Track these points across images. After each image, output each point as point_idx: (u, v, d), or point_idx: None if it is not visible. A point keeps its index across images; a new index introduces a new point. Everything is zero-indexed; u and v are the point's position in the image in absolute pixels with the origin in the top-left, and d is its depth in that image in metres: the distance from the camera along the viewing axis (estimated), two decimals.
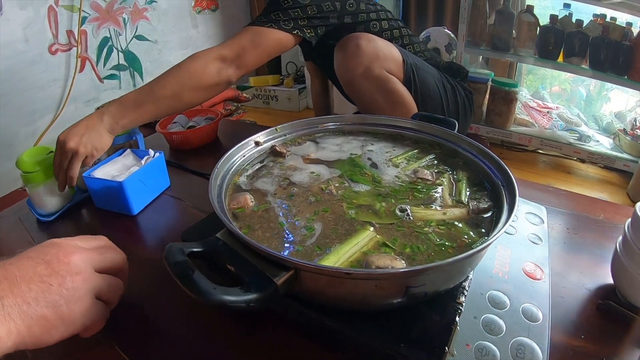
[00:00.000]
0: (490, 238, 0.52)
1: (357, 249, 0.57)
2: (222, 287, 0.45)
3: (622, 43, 2.28)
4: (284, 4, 1.17)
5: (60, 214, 0.94)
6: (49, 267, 0.47)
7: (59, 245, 0.51)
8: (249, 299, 0.46)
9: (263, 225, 0.63)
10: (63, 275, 0.47)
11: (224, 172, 0.73)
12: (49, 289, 0.45)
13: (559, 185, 2.26)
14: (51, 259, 0.48)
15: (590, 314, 0.64)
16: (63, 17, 2.38)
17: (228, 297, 0.45)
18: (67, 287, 0.47)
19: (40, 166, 0.88)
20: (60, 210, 0.94)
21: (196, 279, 0.46)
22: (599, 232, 0.84)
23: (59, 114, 2.47)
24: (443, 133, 0.86)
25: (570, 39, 2.40)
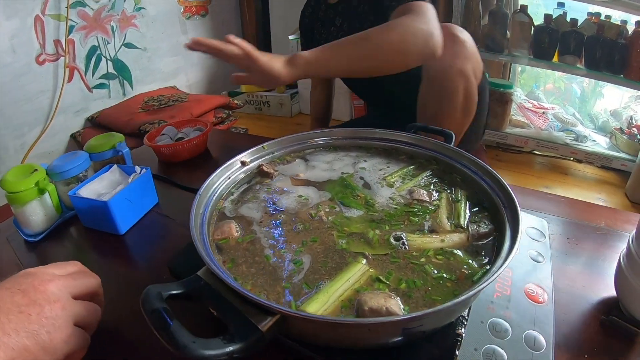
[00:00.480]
0: (489, 278, 0.48)
1: (349, 286, 0.53)
2: (202, 340, 0.41)
3: (617, 41, 2.26)
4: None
5: (48, 233, 0.91)
6: (25, 296, 0.46)
7: (33, 275, 0.50)
8: (232, 350, 0.42)
9: (248, 259, 0.59)
10: (41, 304, 0.46)
11: (207, 196, 0.69)
12: (29, 319, 0.45)
13: (556, 187, 2.25)
14: (27, 288, 0.47)
15: (594, 331, 0.61)
16: (50, 26, 2.34)
17: (209, 351, 0.41)
18: (47, 315, 0.46)
19: (24, 186, 0.85)
20: (47, 230, 0.90)
21: (174, 332, 0.42)
22: (600, 241, 0.81)
23: (47, 125, 2.43)
24: (440, 147, 0.82)
25: (565, 39, 2.38)
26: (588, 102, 2.91)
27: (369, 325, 0.44)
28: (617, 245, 0.80)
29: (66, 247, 0.89)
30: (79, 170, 0.94)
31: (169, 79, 3.18)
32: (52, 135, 2.48)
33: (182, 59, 3.25)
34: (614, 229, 0.85)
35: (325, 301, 0.51)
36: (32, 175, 0.86)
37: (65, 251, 0.88)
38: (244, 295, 0.46)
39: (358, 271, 0.55)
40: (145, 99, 2.74)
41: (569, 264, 0.74)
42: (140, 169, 0.96)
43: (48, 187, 0.89)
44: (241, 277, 0.56)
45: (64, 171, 0.92)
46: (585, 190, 2.25)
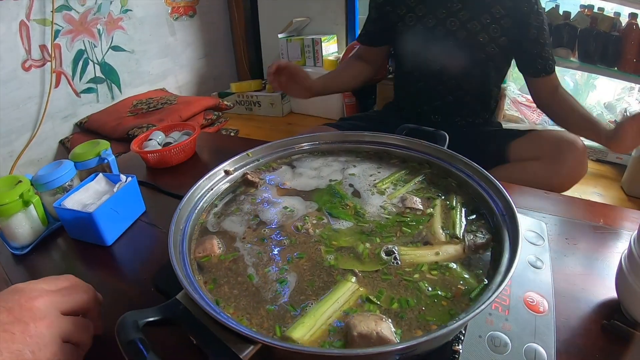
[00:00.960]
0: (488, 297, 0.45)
1: (337, 307, 0.49)
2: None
3: (611, 34, 2.25)
4: None
5: (35, 245, 0.88)
6: (10, 314, 0.45)
7: (21, 291, 0.48)
8: None
9: (230, 279, 0.55)
10: (26, 322, 0.45)
11: (189, 210, 0.66)
12: (12, 338, 0.43)
13: None
14: (13, 306, 0.46)
15: (595, 336, 0.60)
16: (35, 31, 2.30)
17: None
18: (31, 334, 0.45)
19: (9, 198, 0.82)
20: (34, 242, 0.88)
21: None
22: (600, 241, 0.81)
23: (36, 132, 2.39)
24: (433, 150, 0.79)
25: (558, 31, 2.37)
26: (581, 95, 2.91)
27: (357, 357, 0.41)
28: (615, 244, 0.79)
29: (54, 259, 0.87)
30: (64, 180, 0.91)
31: (158, 81, 3.14)
32: (41, 142, 2.44)
33: (171, 60, 3.22)
34: (612, 227, 0.84)
35: (312, 325, 0.47)
36: (17, 187, 0.84)
37: (53, 264, 0.86)
38: (224, 324, 0.42)
39: (347, 291, 0.52)
40: (134, 102, 2.71)
41: (568, 266, 0.73)
42: (125, 177, 0.94)
43: (33, 198, 0.86)
44: (223, 300, 0.52)
45: (49, 181, 0.89)
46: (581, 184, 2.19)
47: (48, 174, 0.89)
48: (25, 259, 0.85)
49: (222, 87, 3.65)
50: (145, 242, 0.89)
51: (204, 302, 0.45)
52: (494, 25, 1.23)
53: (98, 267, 0.82)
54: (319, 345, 0.46)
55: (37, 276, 0.78)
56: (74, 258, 0.86)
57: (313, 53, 3.20)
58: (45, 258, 0.86)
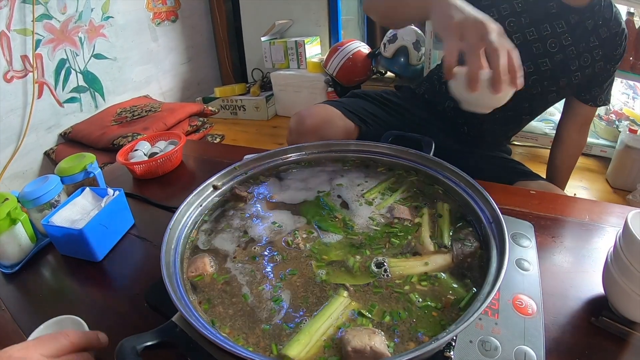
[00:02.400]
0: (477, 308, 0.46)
1: (331, 323, 0.50)
2: None
3: None
4: None
5: (24, 263, 0.88)
6: None
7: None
8: None
9: (225, 300, 0.56)
10: None
11: (180, 228, 0.66)
12: None
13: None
14: None
15: (584, 333, 0.62)
16: (16, 42, 2.28)
17: None
18: None
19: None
20: (23, 260, 0.88)
21: None
22: (586, 237, 0.82)
23: (20, 145, 2.36)
24: (419, 157, 0.80)
25: None
26: None
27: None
28: (601, 240, 0.81)
29: (44, 277, 0.86)
30: (51, 195, 0.91)
31: (142, 88, 3.13)
32: (25, 154, 2.42)
33: (154, 67, 3.20)
34: (598, 222, 0.85)
35: (307, 342, 0.48)
36: (3, 205, 0.83)
37: (43, 282, 0.85)
38: (221, 347, 0.43)
39: (340, 306, 0.53)
40: (118, 110, 2.70)
41: (555, 264, 0.74)
42: (113, 191, 0.93)
43: (20, 216, 0.85)
44: (219, 320, 0.53)
45: (36, 198, 0.88)
46: None
47: (35, 190, 0.89)
48: (15, 278, 0.85)
49: (206, 92, 3.64)
50: (136, 256, 0.89)
51: (199, 324, 0.46)
52: (586, 54, 1.15)
53: (89, 283, 0.82)
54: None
55: (30, 295, 0.80)
56: (65, 275, 0.86)
57: (297, 55, 3.21)
58: (36, 276, 0.86)
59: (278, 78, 3.28)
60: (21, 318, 0.72)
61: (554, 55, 1.14)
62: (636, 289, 0.57)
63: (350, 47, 2.92)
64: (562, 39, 1.12)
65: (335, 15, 3.24)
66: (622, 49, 1.17)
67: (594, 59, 1.15)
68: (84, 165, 1.00)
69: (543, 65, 1.16)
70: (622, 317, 0.60)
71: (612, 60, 1.18)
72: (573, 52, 1.14)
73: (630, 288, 0.57)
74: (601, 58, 1.16)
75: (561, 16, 1.10)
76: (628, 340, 0.59)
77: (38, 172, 2.51)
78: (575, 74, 1.16)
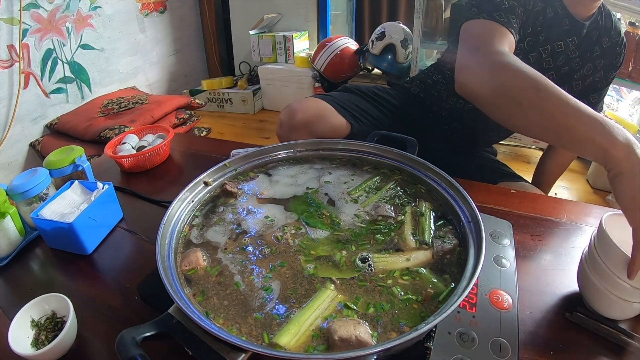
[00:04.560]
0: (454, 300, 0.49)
1: (318, 314, 0.53)
2: None
3: None
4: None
5: (13, 257, 0.88)
6: None
7: None
8: None
9: (219, 291, 0.59)
10: None
11: (172, 224, 0.68)
12: None
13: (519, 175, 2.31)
14: None
15: (558, 327, 0.64)
16: (3, 31, 2.25)
17: None
18: None
19: None
20: (12, 254, 0.88)
21: None
22: (563, 236, 0.85)
23: (5, 136, 2.34)
24: (403, 157, 0.83)
25: None
26: None
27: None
28: (578, 239, 0.84)
29: (33, 270, 0.87)
30: (40, 189, 0.91)
31: (128, 79, 3.11)
32: (10, 145, 2.39)
33: (141, 58, 3.18)
34: (575, 222, 0.89)
35: (297, 332, 0.51)
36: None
37: (32, 275, 0.85)
38: (216, 335, 0.46)
39: (327, 298, 0.56)
40: (104, 101, 2.68)
41: (533, 262, 0.77)
42: (102, 184, 0.94)
43: (9, 210, 0.85)
44: (212, 311, 0.56)
45: (25, 191, 0.89)
46: None
47: (23, 184, 0.89)
48: (4, 272, 0.85)
49: (193, 85, 3.62)
50: (125, 249, 0.90)
51: (195, 315, 0.48)
52: (589, 63, 1.16)
53: (79, 276, 0.83)
54: (304, 349, 0.50)
55: (19, 289, 0.80)
56: (55, 268, 0.86)
57: (285, 50, 3.22)
58: (26, 270, 0.86)
59: (265, 72, 3.29)
60: (10, 311, 0.72)
61: (561, 68, 1.15)
62: (609, 287, 0.60)
63: (338, 43, 2.94)
64: (569, 52, 1.13)
65: (324, 11, 3.26)
66: (621, 58, 1.19)
67: (596, 68, 1.17)
68: (73, 158, 1.01)
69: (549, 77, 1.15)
70: (596, 313, 0.64)
71: (612, 69, 1.19)
72: (578, 63, 1.15)
73: (604, 286, 0.61)
74: (602, 67, 1.17)
75: (573, 32, 1.10)
76: (600, 335, 0.62)
77: (23, 164, 2.49)
78: (576, 82, 1.18)
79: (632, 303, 0.60)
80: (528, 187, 1.19)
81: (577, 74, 1.16)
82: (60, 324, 0.66)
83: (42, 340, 0.63)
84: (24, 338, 0.64)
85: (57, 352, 0.62)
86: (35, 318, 0.66)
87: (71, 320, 0.63)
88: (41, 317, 0.67)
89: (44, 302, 0.68)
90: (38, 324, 0.66)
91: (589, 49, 1.14)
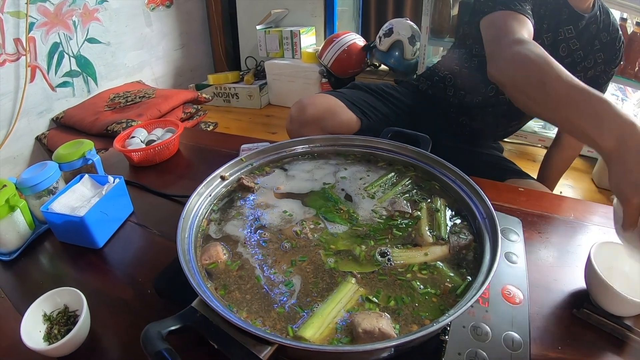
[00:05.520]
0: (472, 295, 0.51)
1: (341, 307, 0.55)
2: None
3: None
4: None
5: (22, 250, 0.88)
6: None
7: None
8: None
9: (241, 285, 0.60)
10: None
11: (191, 218, 0.69)
12: None
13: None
14: None
15: (566, 323, 0.66)
16: (9, 24, 2.25)
17: None
18: None
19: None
20: (22, 247, 0.88)
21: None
22: (570, 234, 0.87)
23: (11, 129, 2.35)
24: (417, 154, 0.84)
25: None
26: None
27: (366, 352, 0.46)
28: (585, 237, 0.85)
29: (43, 264, 0.87)
30: (50, 182, 0.92)
31: (134, 73, 3.11)
32: (16, 139, 2.40)
33: (147, 52, 3.19)
34: (582, 221, 0.90)
35: (321, 325, 0.52)
36: (1, 192, 0.83)
37: (42, 269, 0.86)
38: (243, 328, 0.47)
39: (349, 292, 0.57)
40: (111, 95, 2.69)
41: (541, 259, 0.79)
42: (113, 178, 0.94)
43: (19, 203, 0.86)
44: (235, 305, 0.57)
45: (34, 185, 0.89)
46: None
47: (33, 177, 0.89)
48: (14, 265, 0.85)
49: (199, 79, 3.63)
50: (136, 243, 0.90)
51: (220, 308, 0.49)
52: (590, 56, 1.19)
53: (90, 270, 0.83)
54: (328, 342, 0.51)
55: (29, 282, 0.80)
56: (65, 262, 0.87)
57: (292, 45, 3.22)
58: (34, 263, 0.86)
59: (272, 67, 3.29)
60: (20, 305, 0.73)
61: (564, 59, 1.17)
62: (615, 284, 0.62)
63: (345, 39, 2.94)
64: (570, 43, 1.16)
65: (331, 7, 3.26)
66: (620, 54, 1.23)
67: (596, 61, 1.20)
68: (83, 152, 1.01)
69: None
70: (602, 310, 0.65)
71: (611, 64, 1.23)
72: (580, 55, 1.18)
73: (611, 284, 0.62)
74: (602, 61, 1.21)
75: (571, 22, 1.14)
76: (606, 331, 0.64)
77: (29, 157, 2.49)
78: (578, 75, 1.17)
79: (638, 301, 0.61)
80: (535, 184, 1.20)
81: (580, 65, 1.19)
82: (73, 318, 0.67)
83: (54, 335, 0.64)
84: (36, 332, 0.64)
85: (70, 346, 0.63)
86: (48, 312, 0.67)
87: (85, 315, 0.64)
88: (53, 311, 0.67)
89: (56, 296, 0.68)
90: (50, 318, 0.66)
91: (590, 42, 1.18)
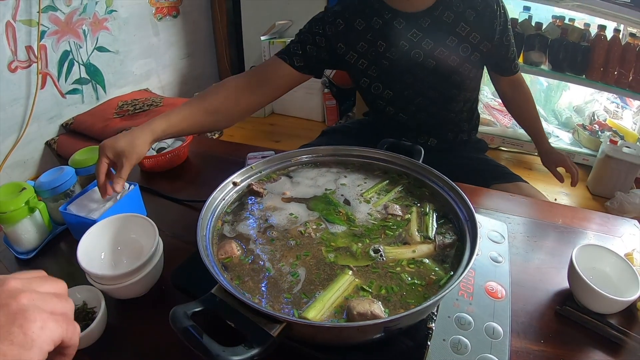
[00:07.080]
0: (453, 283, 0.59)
1: (339, 294, 0.64)
2: (229, 349, 0.51)
3: (580, 44, 2.38)
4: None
5: (41, 249, 0.93)
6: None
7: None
8: (253, 354, 0.51)
9: (253, 276, 0.68)
10: (6, 303, 0.42)
11: (208, 218, 0.77)
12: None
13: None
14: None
15: (549, 319, 0.73)
16: (21, 32, 2.32)
17: (236, 357, 0.50)
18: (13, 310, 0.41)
19: (14, 205, 0.86)
20: (39, 246, 0.93)
21: (206, 344, 0.51)
22: (557, 238, 0.93)
23: (22, 134, 2.41)
24: (409, 163, 0.92)
25: (529, 41, 2.49)
26: (553, 98, 3.06)
27: (359, 328, 0.56)
28: (572, 241, 0.91)
29: (59, 262, 0.92)
30: (67, 186, 0.96)
31: (142, 81, 3.19)
32: (27, 143, 2.47)
33: (154, 60, 3.27)
34: (570, 226, 0.96)
35: (322, 308, 0.61)
36: (22, 194, 0.87)
37: (59, 266, 0.91)
38: (256, 309, 0.56)
39: (346, 281, 0.66)
40: (119, 103, 2.75)
41: (529, 260, 0.86)
42: (128, 185, 0.98)
43: (38, 205, 0.90)
44: (249, 292, 0.65)
45: (52, 188, 0.93)
46: (549, 184, 2.37)
47: (51, 181, 0.93)
48: (30, 263, 0.90)
49: (204, 87, 3.64)
50: None
51: (236, 293, 0.57)
52: (463, 44, 1.17)
53: None
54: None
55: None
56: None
57: None
58: (51, 261, 0.91)
59: None
60: None
61: (424, 63, 1.19)
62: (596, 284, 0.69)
63: None
64: (422, 44, 1.16)
65: None
66: (501, 18, 1.18)
67: (473, 44, 1.18)
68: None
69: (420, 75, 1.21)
70: (584, 308, 0.72)
71: (496, 34, 1.18)
72: (443, 51, 1.17)
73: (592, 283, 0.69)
74: (482, 39, 1.18)
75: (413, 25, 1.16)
76: (588, 327, 0.70)
77: (39, 162, 2.56)
78: (464, 66, 1.20)
79: (618, 299, 0.68)
80: (523, 186, 1.26)
81: (452, 60, 1.18)
82: (91, 314, 0.72)
83: None
84: None
85: (86, 341, 0.67)
86: None
87: (102, 311, 0.69)
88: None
89: (76, 292, 0.73)
90: None
91: (450, 32, 1.15)
